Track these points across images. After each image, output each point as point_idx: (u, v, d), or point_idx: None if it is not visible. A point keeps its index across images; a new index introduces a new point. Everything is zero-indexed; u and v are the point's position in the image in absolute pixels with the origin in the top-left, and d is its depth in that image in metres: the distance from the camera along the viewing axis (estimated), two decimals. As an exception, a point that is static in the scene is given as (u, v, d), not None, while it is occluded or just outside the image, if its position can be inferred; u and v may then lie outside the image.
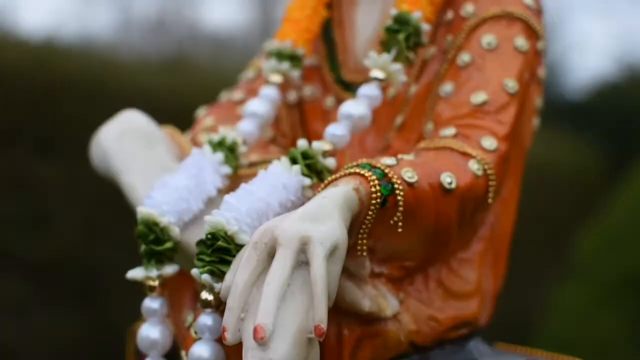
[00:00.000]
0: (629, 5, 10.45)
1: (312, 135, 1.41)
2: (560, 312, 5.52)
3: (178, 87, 5.90)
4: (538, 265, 7.62)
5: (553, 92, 10.01)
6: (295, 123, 1.43)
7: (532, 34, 1.30)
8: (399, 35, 1.26)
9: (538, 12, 1.38)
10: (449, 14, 1.32)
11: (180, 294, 1.28)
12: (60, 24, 6.70)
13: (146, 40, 7.97)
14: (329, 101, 1.40)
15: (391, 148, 1.32)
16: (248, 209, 1.12)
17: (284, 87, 1.38)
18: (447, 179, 1.14)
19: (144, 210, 1.18)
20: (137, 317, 1.35)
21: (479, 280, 1.27)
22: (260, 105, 1.32)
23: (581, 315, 5.35)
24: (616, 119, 9.28)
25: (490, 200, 1.20)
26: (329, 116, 1.39)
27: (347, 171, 1.10)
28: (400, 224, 1.11)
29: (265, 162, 1.30)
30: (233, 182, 1.27)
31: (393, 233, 1.12)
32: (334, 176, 1.10)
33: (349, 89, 1.38)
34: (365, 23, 1.39)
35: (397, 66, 1.25)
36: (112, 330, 4.25)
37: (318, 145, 1.20)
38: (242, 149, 1.28)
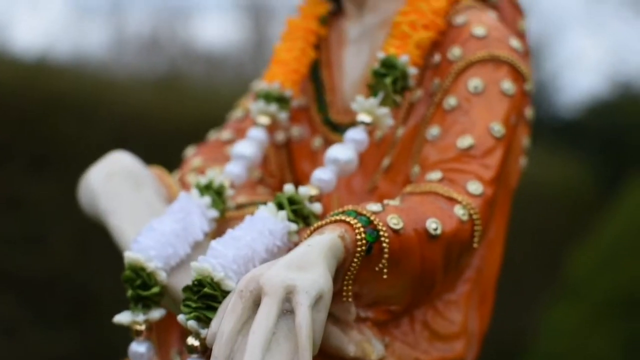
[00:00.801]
0: (621, 22, 10.49)
1: (300, 175, 1.42)
2: (551, 332, 5.52)
3: (171, 105, 5.91)
4: (530, 285, 7.62)
5: (546, 109, 10.04)
6: (283, 163, 1.44)
7: (519, 76, 1.31)
8: (386, 79, 1.27)
9: (525, 54, 1.39)
10: (436, 57, 1.32)
11: (168, 334, 1.29)
12: (54, 43, 6.71)
13: (139, 59, 7.98)
14: (317, 142, 1.41)
15: (378, 190, 1.33)
16: (234, 255, 1.13)
17: (272, 127, 1.39)
18: (432, 225, 1.15)
19: (131, 255, 1.19)
20: (128, 334, 1.35)
21: (465, 322, 1.28)
22: (248, 147, 1.33)
23: (573, 334, 5.36)
24: (609, 136, 9.29)
25: (475, 245, 1.21)
26: (316, 157, 1.40)
27: (333, 218, 1.10)
28: (385, 270, 1.11)
29: (252, 204, 1.31)
30: (220, 224, 1.28)
31: (378, 279, 1.12)
32: (320, 223, 1.11)
33: (337, 129, 1.39)
34: (353, 64, 1.40)
35: (384, 110, 1.26)
36: (104, 347, 4.25)
37: (305, 191, 1.20)
38: (229, 192, 1.28)
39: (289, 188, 1.21)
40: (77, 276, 4.72)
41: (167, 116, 5.73)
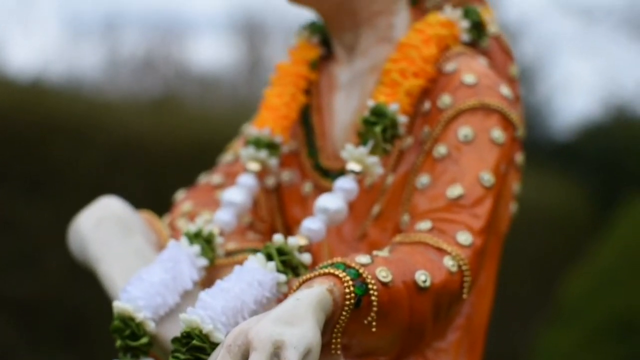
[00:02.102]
0: (614, 45, 10.53)
1: (290, 220, 1.42)
2: (546, 355, 5.52)
3: (166, 127, 5.91)
4: (525, 308, 7.62)
5: (540, 132, 10.06)
6: (274, 208, 1.44)
7: (509, 124, 1.31)
8: (376, 128, 1.27)
9: (515, 99, 1.40)
10: (426, 105, 1.32)
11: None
12: (48, 64, 6.72)
13: (134, 80, 7.99)
14: (307, 187, 1.41)
15: (368, 237, 1.33)
16: (223, 307, 1.13)
17: (262, 173, 1.38)
18: (421, 277, 1.15)
19: (119, 305, 1.19)
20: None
21: (455, 370, 1.28)
22: (238, 194, 1.33)
23: (567, 358, 5.36)
24: (604, 159, 9.31)
25: (465, 296, 1.21)
26: (307, 202, 1.40)
27: (322, 271, 1.10)
28: (374, 323, 1.11)
29: (242, 251, 1.31)
30: (210, 272, 1.28)
31: (367, 331, 1.12)
32: (308, 275, 1.11)
33: (327, 175, 1.39)
34: (343, 109, 1.40)
35: (374, 159, 1.26)
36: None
37: (294, 241, 1.20)
38: (218, 239, 1.28)
39: (278, 238, 1.21)
40: (70, 300, 4.71)
41: (161, 139, 5.74)
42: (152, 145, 5.68)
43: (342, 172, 1.33)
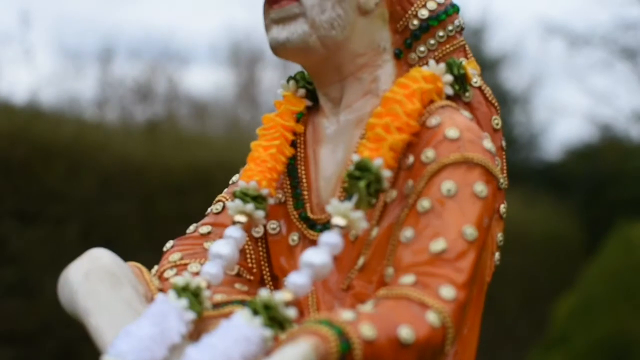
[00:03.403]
0: (603, 70, 10.57)
1: (277, 270, 1.44)
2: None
3: (160, 151, 5.93)
4: (514, 332, 7.62)
5: (531, 156, 10.11)
6: (261, 257, 1.46)
7: (492, 178, 1.33)
8: (360, 182, 1.29)
9: (499, 150, 1.42)
10: (410, 158, 1.34)
11: None
12: (43, 90, 6.73)
13: (129, 105, 8.01)
14: (294, 237, 1.43)
15: (353, 288, 1.35)
16: (210, 363, 1.14)
17: (249, 224, 1.41)
18: (404, 332, 1.17)
19: (108, 359, 1.20)
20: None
21: (440, 418, 1.29)
22: (225, 246, 1.35)
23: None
24: (594, 183, 9.35)
25: (447, 349, 1.23)
26: (293, 252, 1.42)
27: (307, 328, 1.12)
28: (359, 379, 1.13)
29: (230, 303, 1.33)
30: (198, 324, 1.30)
31: (352, 386, 1.14)
32: (294, 331, 1.13)
33: (313, 226, 1.41)
34: (328, 162, 1.43)
35: (358, 214, 1.28)
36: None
37: (280, 296, 1.22)
38: (206, 292, 1.30)
39: (264, 293, 1.23)
40: (64, 328, 4.71)
41: (156, 162, 5.76)
42: (146, 169, 5.70)
43: (328, 223, 1.36)
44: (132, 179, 5.57)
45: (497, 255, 1.42)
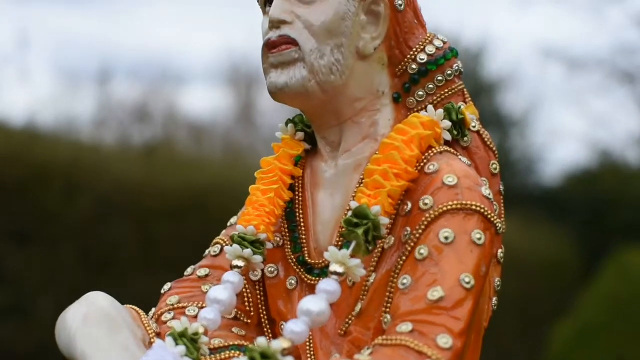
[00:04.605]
0: (602, 94, 10.59)
1: (274, 313, 1.44)
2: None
3: (157, 173, 5.93)
4: (511, 356, 7.60)
5: (529, 180, 10.13)
6: (258, 301, 1.46)
7: (489, 225, 1.32)
8: (358, 229, 1.29)
9: (497, 194, 1.42)
10: (408, 205, 1.35)
11: None
12: (40, 111, 6.74)
13: (126, 127, 8.01)
14: (291, 281, 1.43)
15: (350, 334, 1.35)
16: (206, 412, 1.14)
17: (247, 269, 1.41)
18: None
19: (105, 406, 1.20)
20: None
21: None
22: (223, 291, 1.35)
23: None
24: (591, 208, 9.35)
25: None
26: (291, 295, 1.42)
27: None
28: None
29: (226, 348, 1.33)
30: (195, 370, 1.30)
31: None
32: None
33: (311, 271, 1.41)
34: (326, 206, 1.43)
35: (356, 261, 1.28)
36: None
37: (277, 344, 1.22)
38: (203, 338, 1.30)
39: (261, 341, 1.23)
40: (59, 351, 4.70)
41: (153, 183, 5.76)
42: (143, 191, 5.70)
43: (325, 267, 1.36)
44: (128, 200, 5.57)
45: (494, 300, 1.42)
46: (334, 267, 1.29)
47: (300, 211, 1.45)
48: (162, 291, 1.47)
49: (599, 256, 7.67)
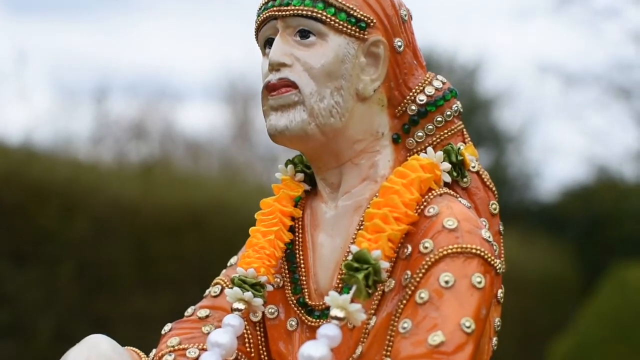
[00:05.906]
0: (598, 109, 10.61)
1: (275, 354, 1.44)
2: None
3: (155, 192, 5.93)
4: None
5: (526, 196, 10.13)
6: (259, 342, 1.46)
7: (490, 268, 1.33)
8: (359, 274, 1.29)
9: (497, 235, 1.43)
10: (408, 248, 1.35)
11: None
12: (37, 129, 6.74)
13: (124, 144, 8.01)
14: (292, 322, 1.43)
15: (351, 378, 1.35)
16: None
17: (248, 311, 1.41)
18: None
19: None
20: None
21: None
22: (224, 335, 1.36)
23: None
24: (589, 224, 9.35)
25: None
26: (292, 337, 1.42)
27: None
28: None
29: None
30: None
31: None
32: None
33: (312, 312, 1.41)
34: (327, 248, 1.43)
35: (357, 306, 1.28)
36: None
37: (280, 390, 1.22)
38: (205, 382, 1.30)
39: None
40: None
41: (151, 201, 5.75)
42: (140, 210, 5.69)
43: (326, 309, 1.36)
44: (126, 219, 5.57)
45: (494, 340, 1.42)
46: (335, 312, 1.29)
47: (301, 253, 1.45)
48: (163, 332, 1.47)
49: (597, 271, 7.68)
